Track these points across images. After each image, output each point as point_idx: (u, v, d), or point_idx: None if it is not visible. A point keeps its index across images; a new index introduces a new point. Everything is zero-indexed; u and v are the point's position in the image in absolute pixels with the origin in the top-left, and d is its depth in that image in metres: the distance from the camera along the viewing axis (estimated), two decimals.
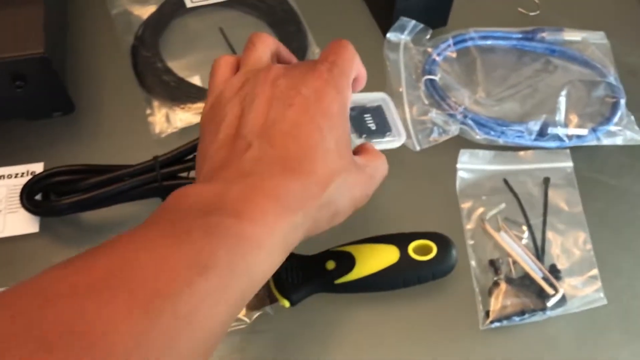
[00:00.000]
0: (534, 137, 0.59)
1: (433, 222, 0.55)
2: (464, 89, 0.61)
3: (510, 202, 0.56)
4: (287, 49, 0.50)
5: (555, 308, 0.51)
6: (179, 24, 0.67)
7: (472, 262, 0.53)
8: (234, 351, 0.50)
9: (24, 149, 0.58)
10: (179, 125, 0.59)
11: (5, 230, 0.54)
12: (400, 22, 0.63)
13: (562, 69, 0.64)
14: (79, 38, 0.65)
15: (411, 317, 0.52)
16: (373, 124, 0.57)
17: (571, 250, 0.54)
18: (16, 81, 0.54)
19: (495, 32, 0.65)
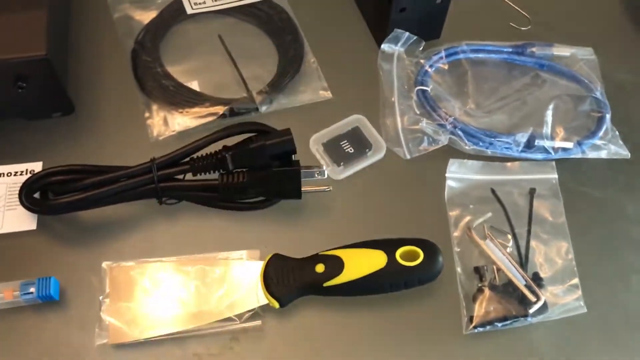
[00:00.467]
0: (521, 149, 0.61)
1: (421, 229, 0.56)
2: (454, 100, 0.63)
3: (497, 212, 0.58)
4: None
5: (536, 315, 0.52)
6: (179, 29, 0.69)
7: (457, 269, 0.55)
8: (223, 350, 0.51)
9: (23, 148, 0.60)
10: (176, 128, 0.61)
11: (3, 227, 0.56)
12: (394, 34, 0.65)
13: (550, 83, 0.65)
14: (80, 41, 0.67)
15: (397, 321, 0.53)
16: (350, 147, 0.60)
17: (554, 259, 0.56)
18: (18, 82, 0.55)
19: (486, 46, 0.67)
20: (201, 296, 0.52)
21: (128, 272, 0.53)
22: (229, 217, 0.57)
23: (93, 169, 0.55)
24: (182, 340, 0.51)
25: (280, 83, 0.64)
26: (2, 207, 0.56)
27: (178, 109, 0.62)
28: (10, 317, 0.51)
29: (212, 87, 0.64)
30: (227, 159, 0.54)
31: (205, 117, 0.61)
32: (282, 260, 0.53)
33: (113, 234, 0.56)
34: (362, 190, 0.60)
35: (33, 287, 0.51)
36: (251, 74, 0.65)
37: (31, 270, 0.53)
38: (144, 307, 0.52)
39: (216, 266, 0.54)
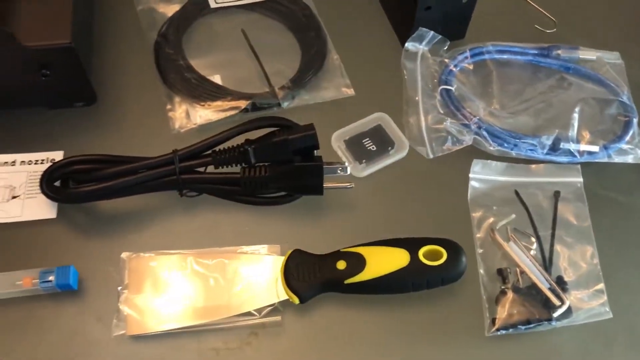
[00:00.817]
0: (546, 151, 0.60)
1: (444, 229, 0.55)
2: (479, 100, 0.62)
3: (520, 214, 0.57)
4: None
5: (560, 319, 0.52)
6: (202, 23, 0.68)
7: (480, 270, 0.54)
8: (241, 344, 0.50)
9: (44, 137, 0.59)
10: (198, 121, 0.60)
11: (23, 215, 0.55)
12: (419, 33, 0.64)
13: (576, 86, 0.65)
14: (104, 32, 0.66)
15: (418, 321, 0.52)
16: (373, 145, 0.59)
17: (578, 263, 0.55)
18: (42, 69, 0.55)
19: (512, 47, 0.66)
20: (220, 290, 0.52)
21: (147, 263, 0.53)
22: (250, 211, 0.57)
23: (115, 159, 0.55)
24: (200, 333, 0.51)
25: (303, 79, 0.64)
26: (23, 195, 0.56)
27: (200, 102, 0.61)
28: (29, 305, 0.51)
29: (234, 81, 0.64)
30: (249, 153, 0.54)
31: (227, 111, 0.61)
32: (303, 256, 0.53)
33: (133, 225, 0.56)
34: (384, 188, 0.59)
35: (52, 276, 0.51)
36: (273, 70, 0.64)
37: (50, 259, 0.53)
38: (162, 299, 0.52)
39: (236, 260, 0.53)
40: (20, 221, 0.55)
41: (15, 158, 0.58)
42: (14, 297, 0.51)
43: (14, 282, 0.51)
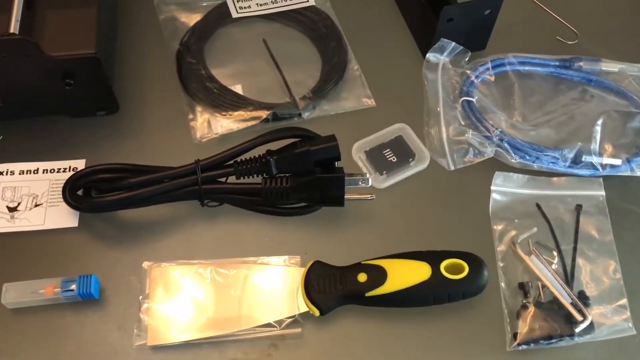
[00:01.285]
0: (568, 164, 0.60)
1: (464, 241, 0.55)
2: (500, 112, 0.62)
3: (542, 227, 0.57)
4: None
5: (583, 334, 0.51)
6: (223, 32, 0.69)
7: (501, 284, 0.54)
8: (261, 356, 0.50)
9: (67, 146, 0.60)
10: (219, 131, 0.61)
11: (46, 223, 0.56)
12: (440, 44, 0.64)
13: (598, 99, 0.64)
14: (126, 41, 0.67)
15: (439, 334, 0.52)
16: (393, 156, 0.59)
17: (601, 278, 0.55)
18: (66, 79, 0.56)
19: (533, 59, 0.66)
20: (241, 300, 0.52)
21: (168, 273, 0.53)
22: (270, 222, 0.57)
23: (137, 169, 0.55)
24: (221, 344, 0.51)
25: (323, 89, 0.64)
26: (45, 204, 0.57)
27: (221, 111, 0.62)
28: (50, 313, 0.51)
29: (255, 91, 0.64)
30: (271, 163, 0.54)
31: (248, 121, 0.61)
32: (324, 268, 0.53)
33: (154, 234, 0.56)
34: (404, 200, 0.59)
35: (74, 285, 0.51)
36: (294, 80, 0.65)
37: (71, 268, 0.53)
38: (183, 309, 0.52)
39: (256, 271, 0.53)
40: (43, 229, 0.55)
41: (38, 166, 0.59)
42: (35, 305, 0.52)
43: (36, 290, 0.51)
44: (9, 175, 0.58)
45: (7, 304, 0.51)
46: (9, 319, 0.51)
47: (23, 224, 0.55)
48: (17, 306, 0.51)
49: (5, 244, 0.55)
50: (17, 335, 0.51)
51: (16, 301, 0.51)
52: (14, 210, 0.56)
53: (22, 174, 0.58)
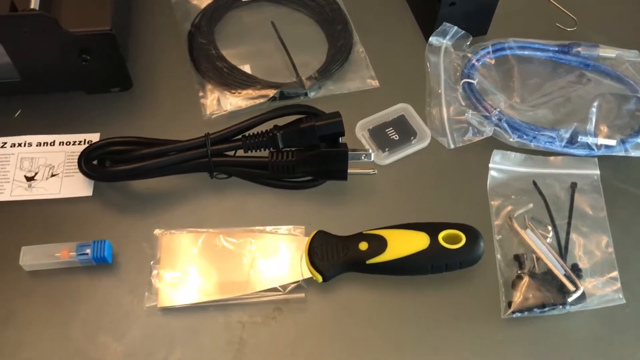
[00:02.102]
0: (564, 144, 0.62)
1: (463, 216, 0.57)
2: (500, 94, 0.64)
3: (538, 203, 0.59)
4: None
5: (575, 304, 0.53)
6: (233, 15, 0.71)
7: (497, 256, 0.56)
8: (266, 319, 0.53)
9: (82, 120, 0.62)
10: (228, 108, 0.63)
11: (61, 192, 0.58)
12: (443, 28, 0.66)
13: (595, 82, 0.66)
14: (140, 22, 0.69)
15: (438, 302, 0.54)
16: (396, 134, 0.62)
17: (593, 252, 0.57)
18: (82, 55, 0.58)
19: (533, 44, 0.68)
20: (246, 266, 0.54)
21: (179, 240, 0.55)
22: (276, 194, 0.59)
23: (149, 142, 0.57)
24: (227, 307, 0.53)
25: (329, 70, 0.66)
26: (61, 174, 0.59)
27: (231, 89, 0.64)
28: (65, 276, 0.54)
29: (263, 71, 0.66)
30: (277, 138, 0.56)
31: (256, 99, 0.63)
32: (327, 237, 0.55)
33: (165, 204, 0.58)
34: (405, 176, 0.61)
35: (88, 249, 0.53)
36: (301, 61, 0.67)
37: (86, 234, 0.56)
38: (192, 273, 0.54)
39: (262, 239, 0.56)
40: (59, 198, 0.58)
41: (55, 139, 0.61)
42: (51, 268, 0.54)
43: (52, 254, 0.53)
44: (27, 147, 0.60)
45: (25, 266, 0.53)
46: (26, 281, 0.53)
47: (40, 193, 0.58)
48: (34, 269, 0.54)
49: (23, 211, 0.57)
50: (33, 296, 0.53)
51: (33, 263, 0.53)
52: (31, 180, 0.59)
53: (39, 145, 0.61)
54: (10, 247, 0.54)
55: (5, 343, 0.51)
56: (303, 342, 0.52)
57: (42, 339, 0.51)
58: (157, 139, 0.58)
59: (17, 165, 0.59)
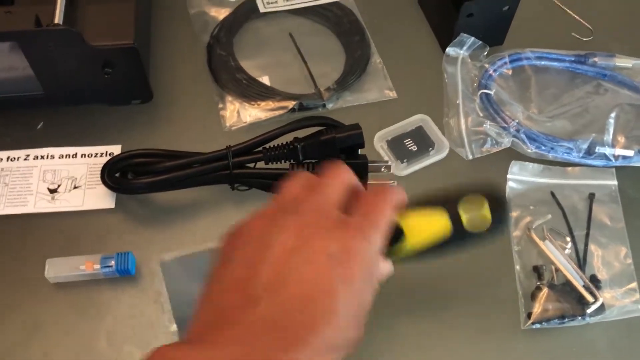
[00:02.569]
0: (582, 155, 0.62)
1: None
2: (517, 104, 0.65)
3: (556, 214, 0.59)
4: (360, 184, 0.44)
5: (594, 315, 0.54)
6: (251, 26, 0.72)
7: (517, 267, 0.56)
8: None
9: (103, 132, 0.63)
10: (248, 120, 0.64)
11: (84, 204, 0.59)
12: (460, 38, 0.67)
13: (612, 92, 0.67)
14: (159, 34, 0.70)
15: (458, 313, 0.55)
16: (414, 145, 0.62)
17: (612, 263, 0.57)
18: (105, 68, 0.59)
19: (549, 54, 0.69)
20: None
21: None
22: None
23: (171, 154, 0.58)
24: None
25: (347, 81, 0.67)
26: (84, 186, 0.60)
27: (250, 101, 0.65)
28: (89, 288, 0.55)
29: (282, 82, 0.67)
30: (298, 150, 0.57)
31: (275, 111, 0.64)
32: None
33: (186, 216, 0.59)
34: (424, 187, 0.60)
35: (112, 261, 0.54)
36: (319, 72, 0.67)
37: (108, 246, 0.56)
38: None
39: None
40: (81, 210, 0.59)
41: (77, 151, 0.62)
42: (76, 280, 0.55)
43: (77, 266, 0.54)
44: (50, 159, 0.61)
45: (50, 278, 0.54)
46: (51, 293, 0.54)
47: (63, 205, 0.59)
48: (59, 280, 0.55)
49: (47, 223, 0.58)
50: (58, 307, 0.54)
51: (58, 275, 0.54)
52: (54, 192, 0.59)
53: (61, 158, 0.61)
54: (35, 259, 0.55)
55: (33, 354, 0.52)
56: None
57: (68, 350, 0.52)
58: (178, 151, 0.58)
59: (40, 177, 0.60)
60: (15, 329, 0.53)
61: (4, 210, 0.58)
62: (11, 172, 0.60)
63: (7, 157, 0.61)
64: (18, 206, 0.58)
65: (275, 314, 0.34)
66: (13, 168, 0.60)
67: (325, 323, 0.34)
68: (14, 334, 0.52)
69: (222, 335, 0.34)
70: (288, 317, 0.34)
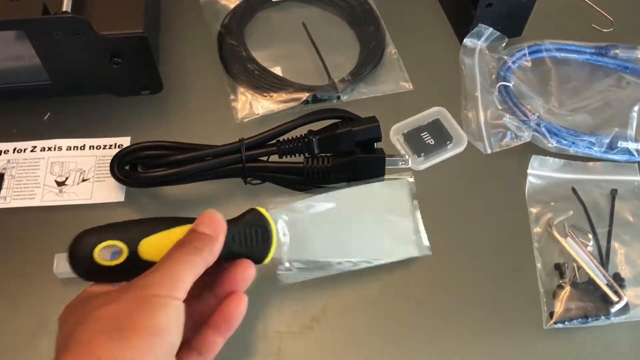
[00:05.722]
0: (604, 149, 0.60)
1: (501, 223, 0.57)
2: (537, 97, 0.63)
3: (577, 210, 0.58)
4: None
5: (618, 315, 0.52)
6: (263, 15, 0.70)
7: (538, 265, 0.55)
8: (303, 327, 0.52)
9: (112, 123, 0.62)
10: (260, 112, 0.62)
11: (93, 198, 0.57)
12: (478, 29, 0.65)
13: (634, 85, 0.65)
14: (169, 24, 0.68)
15: (479, 312, 0.53)
16: (431, 139, 0.60)
17: (635, 261, 0.55)
18: (114, 58, 0.57)
19: (570, 45, 0.67)
20: None
21: None
22: None
23: (183, 146, 0.56)
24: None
25: (362, 72, 0.65)
26: (92, 179, 0.58)
27: (262, 92, 0.63)
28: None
29: (295, 74, 0.65)
30: (313, 143, 0.55)
31: (288, 102, 0.62)
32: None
33: (197, 210, 0.56)
34: (442, 182, 0.60)
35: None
36: (333, 63, 0.66)
37: None
38: None
39: None
40: (90, 203, 0.57)
41: (85, 142, 0.60)
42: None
43: None
44: (57, 151, 0.60)
45: (59, 273, 0.52)
46: (59, 290, 0.53)
47: (71, 198, 0.57)
48: (68, 276, 0.53)
49: (55, 216, 0.56)
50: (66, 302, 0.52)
51: (67, 270, 0.52)
52: (62, 185, 0.58)
53: (69, 149, 0.60)
54: (43, 254, 0.53)
55: (41, 350, 0.50)
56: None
57: None
58: (189, 143, 0.56)
59: (48, 169, 0.58)
60: (24, 325, 0.51)
61: (10, 203, 0.56)
62: (18, 164, 0.58)
63: (13, 148, 0.59)
64: (25, 199, 0.57)
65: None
66: (20, 160, 0.59)
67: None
68: (23, 330, 0.51)
69: None
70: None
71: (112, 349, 0.34)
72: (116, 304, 0.37)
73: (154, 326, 0.35)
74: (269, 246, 0.45)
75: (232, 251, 0.44)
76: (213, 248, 0.40)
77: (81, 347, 0.35)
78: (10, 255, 0.54)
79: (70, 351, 0.35)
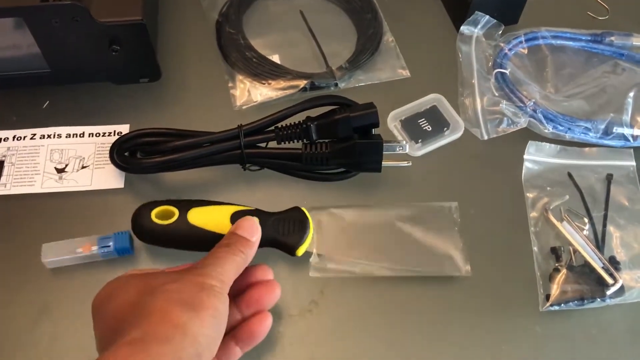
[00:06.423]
0: (600, 135, 0.61)
1: (498, 208, 0.57)
2: (533, 84, 0.63)
3: (573, 195, 0.58)
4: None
5: (613, 297, 0.53)
6: (261, 4, 0.70)
7: (534, 248, 0.55)
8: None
9: (111, 111, 0.62)
10: (258, 99, 0.62)
11: (92, 184, 0.58)
12: (474, 17, 0.66)
13: (629, 72, 0.65)
14: (167, 11, 0.69)
15: (476, 295, 0.54)
16: (428, 125, 0.61)
17: (631, 244, 0.56)
18: (112, 45, 0.57)
19: (565, 33, 0.67)
20: None
21: None
22: (308, 186, 0.58)
23: (182, 133, 0.56)
24: None
25: (359, 60, 0.65)
26: (91, 166, 0.58)
27: (261, 80, 0.63)
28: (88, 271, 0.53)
29: (292, 61, 0.65)
30: (311, 129, 0.56)
31: (287, 90, 0.63)
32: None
33: (196, 196, 0.57)
34: (439, 167, 0.60)
35: (110, 241, 0.53)
36: (330, 51, 0.66)
37: (118, 227, 0.54)
38: None
39: None
40: (90, 190, 0.57)
41: (84, 130, 0.61)
42: (74, 264, 0.53)
43: (74, 249, 0.52)
44: (56, 138, 0.60)
45: (47, 262, 0.52)
46: (48, 279, 0.53)
47: (71, 185, 0.57)
48: (57, 265, 0.53)
49: (55, 203, 0.57)
50: (56, 294, 0.52)
51: (55, 259, 0.52)
52: (61, 172, 0.58)
53: (68, 137, 0.60)
54: (43, 240, 0.53)
55: (41, 336, 0.51)
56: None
57: (76, 332, 0.51)
58: (190, 130, 0.57)
59: (47, 156, 0.59)
60: (22, 314, 0.51)
61: (11, 190, 0.57)
62: (17, 151, 0.59)
63: (13, 136, 0.60)
64: (25, 186, 0.57)
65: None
66: (19, 147, 0.59)
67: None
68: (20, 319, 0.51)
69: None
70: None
71: (188, 319, 0.38)
72: (180, 283, 0.41)
73: (216, 308, 0.40)
74: (303, 238, 0.52)
75: (270, 237, 0.51)
76: (251, 251, 0.46)
77: (158, 315, 0.38)
78: (13, 242, 0.54)
79: (148, 318, 0.38)
